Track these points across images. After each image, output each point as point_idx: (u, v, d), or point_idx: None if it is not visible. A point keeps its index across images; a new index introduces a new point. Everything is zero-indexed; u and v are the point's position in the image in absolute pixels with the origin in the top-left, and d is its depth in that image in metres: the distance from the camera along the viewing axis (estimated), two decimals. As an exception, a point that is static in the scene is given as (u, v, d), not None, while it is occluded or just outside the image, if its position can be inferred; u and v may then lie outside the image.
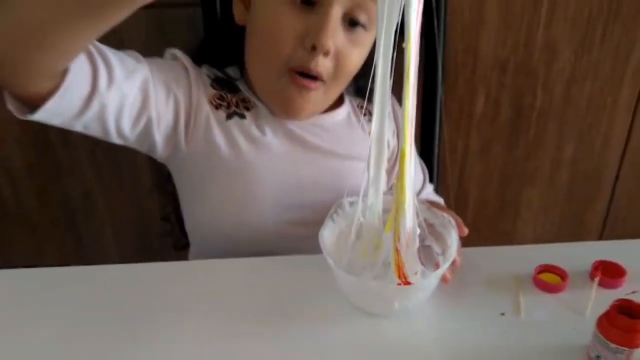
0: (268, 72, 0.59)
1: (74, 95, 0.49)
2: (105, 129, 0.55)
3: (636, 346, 0.41)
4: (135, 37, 0.83)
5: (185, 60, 0.62)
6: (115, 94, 0.53)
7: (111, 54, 0.53)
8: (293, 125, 0.64)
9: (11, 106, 0.49)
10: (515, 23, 0.83)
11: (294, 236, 0.60)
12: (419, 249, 0.48)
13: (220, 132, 0.60)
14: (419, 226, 0.49)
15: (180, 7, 0.83)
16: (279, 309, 0.50)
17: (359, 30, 0.58)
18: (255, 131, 0.61)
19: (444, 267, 0.45)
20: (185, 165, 0.63)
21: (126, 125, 0.56)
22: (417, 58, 0.42)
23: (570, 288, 0.51)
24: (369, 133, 0.49)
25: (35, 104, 0.48)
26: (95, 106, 0.51)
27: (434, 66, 0.80)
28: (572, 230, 1.02)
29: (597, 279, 0.51)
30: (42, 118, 0.49)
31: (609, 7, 0.82)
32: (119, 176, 0.99)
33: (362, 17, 0.57)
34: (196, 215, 0.66)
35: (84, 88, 0.50)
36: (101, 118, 0.53)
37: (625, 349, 0.41)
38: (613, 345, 0.41)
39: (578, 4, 0.82)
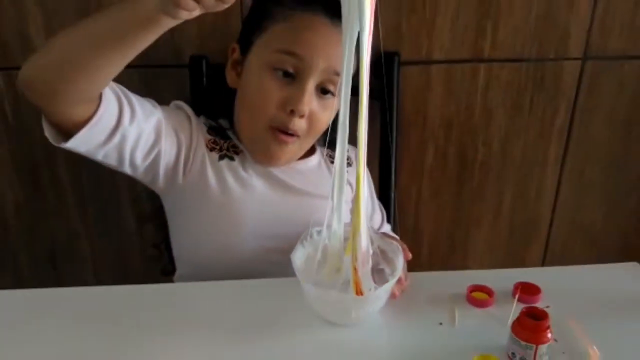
0: (254, 128, 0.72)
1: (102, 126, 0.61)
2: (121, 158, 0.65)
3: (542, 342, 0.52)
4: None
5: (188, 110, 0.75)
6: (134, 129, 0.64)
7: (134, 97, 0.65)
8: (273, 169, 0.75)
9: (48, 133, 0.60)
10: (457, 90, 0.98)
11: (270, 262, 0.70)
12: (373, 271, 0.59)
13: (212, 171, 0.72)
14: (374, 253, 0.60)
15: (169, 67, 0.95)
16: (256, 324, 0.59)
17: (328, 97, 0.72)
18: (241, 172, 0.73)
19: (392, 282, 0.56)
20: (179, 196, 0.73)
21: (139, 157, 0.67)
22: (368, 98, 0.53)
23: (496, 304, 0.62)
24: None
25: (69, 133, 0.59)
26: (117, 137, 0.63)
27: (390, 123, 0.95)
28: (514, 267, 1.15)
29: (517, 296, 0.62)
30: (72, 145, 0.60)
31: (534, 80, 0.99)
32: (103, 218, 1.07)
33: (330, 87, 0.71)
34: (184, 242, 0.75)
35: (111, 121, 0.62)
36: (120, 149, 0.64)
37: (533, 345, 0.52)
38: (523, 343, 0.52)
39: (508, 77, 0.98)
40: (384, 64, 0.91)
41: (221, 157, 0.74)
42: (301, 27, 0.69)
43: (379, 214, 0.89)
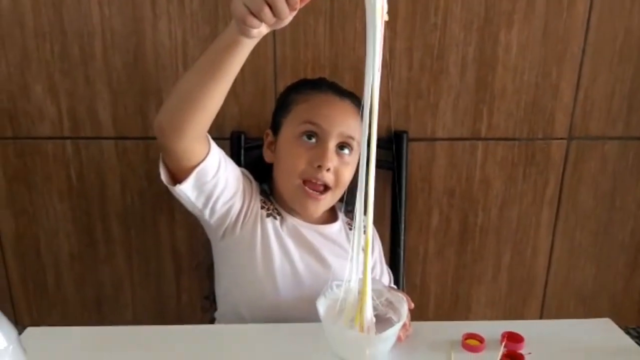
0: (290, 185, 0.88)
1: (208, 168, 0.77)
2: (207, 202, 0.81)
3: (520, 380, 0.64)
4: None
5: (249, 174, 0.92)
6: (224, 178, 0.81)
7: (225, 154, 0.82)
8: (304, 232, 0.90)
9: (164, 177, 0.77)
10: (458, 163, 1.14)
11: (297, 309, 0.83)
12: (382, 319, 0.71)
13: (260, 226, 0.87)
14: (382, 304, 0.73)
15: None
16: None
17: (346, 152, 0.88)
18: (280, 231, 0.88)
19: (399, 325, 0.68)
20: (231, 246, 0.88)
21: (220, 203, 0.82)
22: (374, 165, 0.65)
23: (487, 349, 0.73)
24: None
25: (178, 180, 0.77)
26: (212, 182, 0.79)
27: (400, 191, 1.09)
28: (513, 324, 1.25)
29: (504, 343, 0.74)
30: (184, 187, 0.77)
31: (525, 156, 1.14)
32: (145, 268, 1.21)
33: (346, 146, 0.87)
34: (228, 286, 0.90)
35: (214, 166, 0.78)
36: (210, 193, 0.80)
37: (513, 382, 0.64)
38: (505, 380, 0.64)
39: (503, 153, 1.14)
40: (396, 140, 1.09)
41: (268, 215, 0.89)
42: (317, 103, 0.88)
43: (386, 277, 1.01)
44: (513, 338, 0.75)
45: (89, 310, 1.24)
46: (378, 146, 0.99)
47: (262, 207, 0.90)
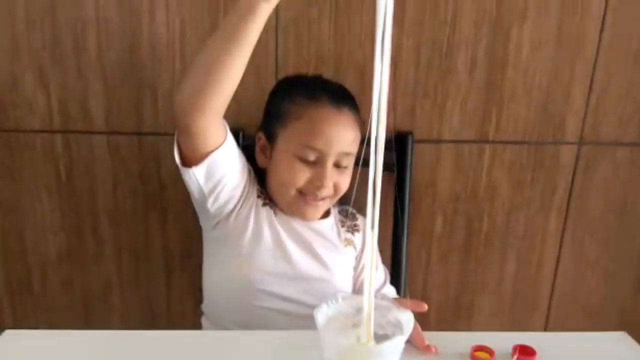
0: (287, 197, 0.87)
1: (223, 157, 0.78)
2: (214, 189, 0.81)
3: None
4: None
5: (249, 165, 0.91)
6: (234, 168, 0.82)
7: (236, 143, 0.83)
8: (295, 225, 0.89)
9: (177, 157, 0.77)
10: (464, 167, 1.09)
11: (285, 312, 0.83)
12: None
13: (254, 215, 0.86)
14: (389, 323, 0.68)
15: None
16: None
17: (343, 165, 0.87)
18: (274, 222, 0.87)
19: (404, 337, 0.63)
20: (222, 236, 0.87)
21: (225, 192, 0.83)
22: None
23: (497, 363, 0.69)
24: (344, 239, 0.89)
25: (191, 163, 0.77)
26: (224, 170, 0.80)
27: (403, 194, 1.05)
28: (518, 335, 1.20)
29: (515, 357, 0.70)
30: (197, 171, 0.77)
31: (534, 161, 1.10)
32: (135, 270, 1.16)
33: (343, 162, 0.87)
34: (216, 277, 0.89)
35: (229, 154, 0.79)
36: (219, 180, 0.81)
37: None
38: (518, 397, 0.60)
39: (511, 157, 1.09)
40: (400, 142, 1.04)
41: (264, 204, 0.89)
42: (314, 121, 0.85)
43: (381, 273, 0.97)
44: (525, 351, 0.70)
45: (75, 312, 1.19)
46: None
47: (259, 197, 0.89)
